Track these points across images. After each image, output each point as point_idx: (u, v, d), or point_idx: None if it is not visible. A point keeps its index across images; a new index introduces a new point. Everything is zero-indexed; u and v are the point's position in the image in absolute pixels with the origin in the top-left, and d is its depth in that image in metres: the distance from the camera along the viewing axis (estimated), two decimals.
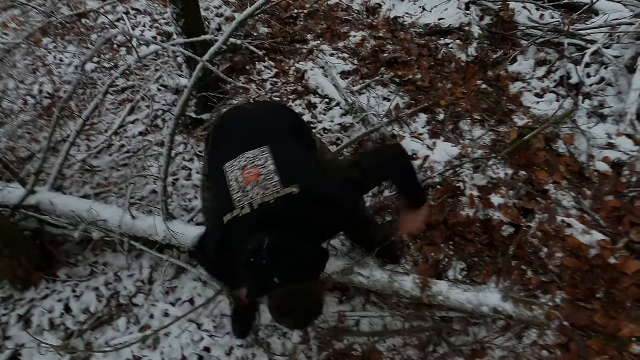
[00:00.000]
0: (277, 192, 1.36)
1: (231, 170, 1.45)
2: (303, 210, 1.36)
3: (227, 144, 1.59)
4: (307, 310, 1.28)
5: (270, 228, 1.31)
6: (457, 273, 2.21)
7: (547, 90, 2.95)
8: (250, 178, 1.40)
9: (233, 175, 1.43)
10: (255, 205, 1.35)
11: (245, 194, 1.38)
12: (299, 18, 3.89)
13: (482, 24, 3.42)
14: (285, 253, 1.26)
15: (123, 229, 2.29)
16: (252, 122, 1.68)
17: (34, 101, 3.62)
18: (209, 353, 2.12)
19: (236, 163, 1.45)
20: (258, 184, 1.38)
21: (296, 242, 1.30)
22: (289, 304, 1.25)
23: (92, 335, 2.27)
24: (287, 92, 3.25)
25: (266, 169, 1.41)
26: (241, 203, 1.37)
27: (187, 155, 2.97)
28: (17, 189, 2.49)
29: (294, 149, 1.57)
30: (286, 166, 1.43)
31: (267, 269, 1.24)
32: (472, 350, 1.99)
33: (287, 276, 1.25)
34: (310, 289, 1.30)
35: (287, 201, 1.35)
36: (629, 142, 2.50)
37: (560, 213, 2.31)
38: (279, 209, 1.35)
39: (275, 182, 1.38)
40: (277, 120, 1.68)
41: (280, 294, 1.26)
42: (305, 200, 1.37)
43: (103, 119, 3.35)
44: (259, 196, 1.36)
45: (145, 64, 3.68)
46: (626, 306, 2.01)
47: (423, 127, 2.88)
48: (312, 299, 1.29)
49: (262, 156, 1.45)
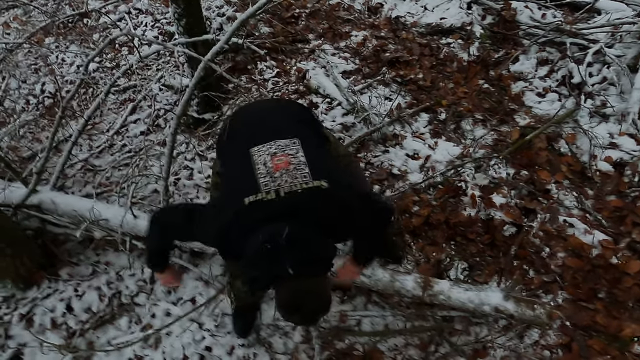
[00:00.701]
0: (305, 183, 1.34)
1: (259, 154, 1.42)
2: (328, 205, 1.35)
3: (252, 131, 1.55)
4: (315, 306, 1.26)
5: (290, 218, 1.28)
6: (458, 272, 2.21)
7: (549, 89, 2.95)
8: (279, 165, 1.37)
9: (261, 159, 1.40)
10: (282, 193, 1.32)
11: (273, 179, 1.35)
12: (300, 17, 3.89)
13: (484, 23, 3.41)
14: (303, 245, 1.23)
15: (125, 228, 2.30)
16: (277, 114, 1.67)
17: (35, 100, 3.63)
18: (210, 352, 2.12)
19: (265, 148, 1.42)
20: (287, 172, 1.36)
21: (315, 236, 1.28)
22: (297, 299, 1.23)
23: (94, 334, 2.27)
24: (289, 92, 3.25)
25: (297, 159, 1.39)
26: (267, 187, 1.33)
27: (189, 154, 2.97)
28: (19, 188, 2.50)
29: (318, 144, 1.58)
30: (315, 161, 1.42)
31: (282, 257, 1.21)
32: (473, 349, 1.99)
33: (301, 268, 1.22)
34: (320, 285, 1.28)
35: (314, 194, 1.33)
36: (631, 141, 2.50)
37: (562, 213, 2.31)
38: (305, 200, 1.33)
39: (305, 173, 1.36)
40: (298, 115, 1.68)
41: (289, 288, 1.23)
42: (332, 196, 1.36)
43: (105, 118, 3.35)
44: (287, 184, 1.33)
45: (146, 63, 3.68)
46: (628, 306, 2.01)
47: (424, 126, 2.87)
48: (321, 294, 1.27)
49: (293, 147, 1.43)
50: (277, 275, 1.22)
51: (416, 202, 2.43)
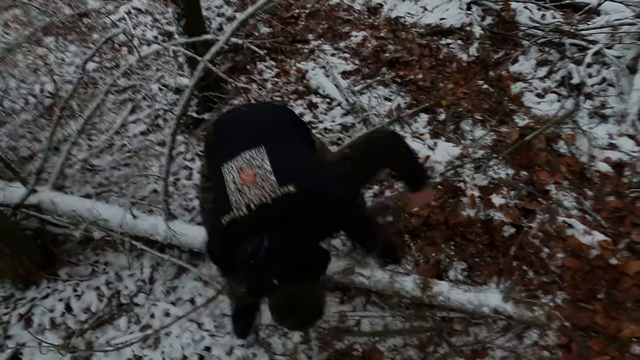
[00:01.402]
0: (273, 192, 1.35)
1: (228, 171, 1.44)
2: (301, 208, 1.36)
3: (225, 144, 1.58)
4: (307, 311, 1.27)
5: (269, 228, 1.31)
6: (457, 273, 2.21)
7: (549, 90, 2.95)
8: (247, 179, 1.39)
9: (230, 177, 1.43)
10: (253, 207, 1.35)
11: (242, 195, 1.37)
12: (300, 18, 3.89)
13: (484, 23, 3.41)
14: (284, 253, 1.26)
15: (124, 229, 2.29)
16: (249, 122, 1.67)
17: (35, 100, 3.62)
18: (210, 352, 2.12)
19: (233, 164, 1.45)
20: (255, 184, 1.38)
21: (295, 242, 1.30)
22: (288, 305, 1.25)
23: (93, 335, 2.27)
24: (288, 92, 3.25)
25: (262, 169, 1.40)
26: (238, 204, 1.36)
27: (188, 154, 2.97)
28: (18, 188, 2.50)
29: (291, 147, 1.56)
30: (283, 165, 1.42)
31: (266, 270, 1.24)
32: (472, 350, 1.99)
33: (286, 277, 1.24)
34: (311, 290, 1.29)
35: (284, 201, 1.34)
36: (630, 142, 2.50)
37: (561, 213, 2.31)
38: (276, 209, 1.34)
39: (272, 182, 1.37)
40: (275, 120, 1.67)
41: (279, 295, 1.25)
42: (303, 198, 1.36)
43: (104, 118, 3.35)
44: (257, 197, 1.36)
45: (146, 63, 3.68)
46: (627, 307, 2.01)
47: (424, 127, 2.87)
48: (312, 300, 1.28)
49: (258, 156, 1.44)
50: (266, 287, 1.25)
51: None
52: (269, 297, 1.28)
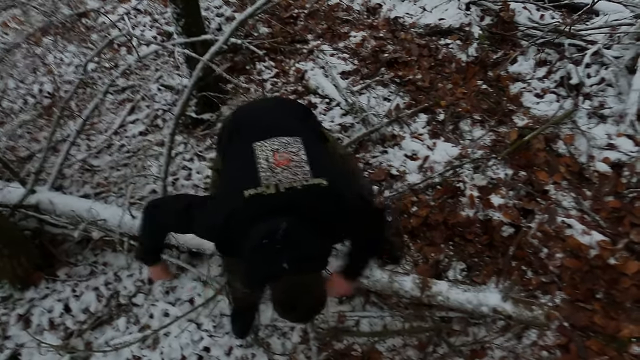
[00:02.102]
0: (306, 180, 1.35)
1: (262, 149, 1.42)
2: (327, 203, 1.36)
3: (255, 127, 1.56)
4: (311, 302, 1.26)
5: (290, 214, 1.29)
6: (456, 273, 2.21)
7: (547, 90, 2.95)
8: (281, 162, 1.38)
9: (263, 154, 1.40)
10: (282, 188, 1.33)
11: (274, 174, 1.36)
12: (299, 18, 3.89)
13: (482, 24, 3.41)
14: (300, 241, 1.24)
15: (123, 229, 2.29)
16: (280, 111, 1.68)
17: (34, 100, 3.62)
18: (209, 353, 2.12)
19: (268, 143, 1.43)
20: (288, 168, 1.37)
21: (312, 233, 1.28)
22: (293, 296, 1.23)
23: (92, 335, 2.27)
24: (287, 92, 3.25)
25: (298, 156, 1.40)
26: (267, 181, 1.34)
27: (187, 154, 2.97)
28: (17, 189, 2.49)
29: (319, 146, 1.59)
30: (317, 160, 1.43)
31: (279, 253, 1.21)
32: (471, 350, 1.99)
33: (297, 264, 1.22)
34: (316, 281, 1.28)
35: (314, 191, 1.34)
36: (629, 142, 2.50)
37: (560, 213, 2.31)
38: (304, 196, 1.33)
39: (306, 170, 1.37)
40: (300, 117, 1.69)
41: (284, 285, 1.23)
42: (332, 194, 1.36)
43: (103, 118, 3.35)
44: (287, 180, 1.34)
45: (145, 63, 3.68)
46: (626, 307, 2.01)
47: (423, 127, 2.88)
48: (316, 291, 1.27)
49: (295, 145, 1.44)
50: (273, 271, 1.22)
51: (414, 203, 2.43)
52: (272, 287, 1.26)
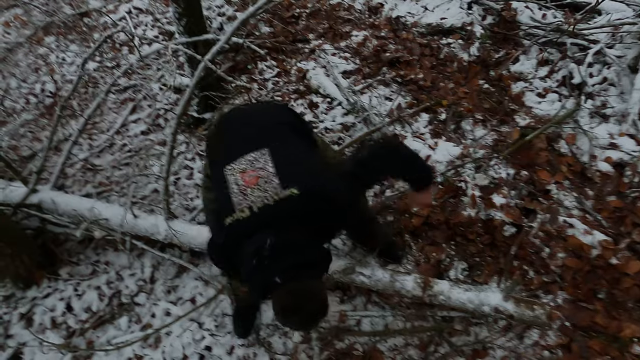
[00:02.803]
0: (276, 194, 1.37)
1: (231, 173, 1.45)
2: (304, 210, 1.37)
3: (227, 146, 1.59)
4: (310, 310, 1.27)
5: (272, 229, 1.32)
6: (458, 273, 2.21)
7: (549, 89, 2.95)
8: (250, 181, 1.40)
9: (233, 179, 1.44)
10: (255, 208, 1.36)
11: (245, 197, 1.39)
12: (300, 17, 3.89)
13: (484, 23, 3.41)
14: (287, 252, 1.27)
15: (125, 228, 2.30)
16: (252, 123, 1.67)
17: (35, 100, 3.63)
18: (210, 352, 2.12)
19: (236, 166, 1.46)
20: (258, 186, 1.39)
21: (298, 241, 1.31)
22: (291, 304, 1.25)
23: (94, 334, 2.28)
24: (289, 92, 3.25)
25: (265, 171, 1.42)
26: (241, 206, 1.38)
27: (189, 154, 2.98)
28: (19, 188, 2.50)
29: (294, 148, 1.57)
30: (286, 167, 1.43)
31: (269, 268, 1.25)
32: (473, 350, 1.99)
33: (289, 275, 1.25)
34: (314, 289, 1.29)
35: (287, 202, 1.36)
36: (631, 142, 2.49)
37: (562, 213, 2.31)
38: (279, 210, 1.35)
39: (275, 184, 1.39)
40: (277, 121, 1.67)
41: (282, 294, 1.25)
42: (306, 199, 1.37)
43: (105, 117, 3.35)
44: (259, 199, 1.37)
45: (147, 63, 3.68)
46: (628, 306, 2.01)
47: (425, 126, 2.87)
48: (315, 298, 1.28)
49: (261, 159, 1.45)
50: (269, 286, 1.26)
51: None
52: (272, 297, 1.28)
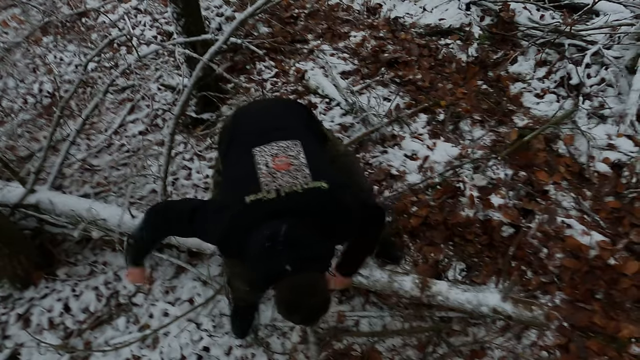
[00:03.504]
0: (306, 184, 1.36)
1: (261, 154, 1.43)
2: (327, 205, 1.37)
3: (255, 131, 1.57)
4: (315, 303, 1.26)
5: (291, 217, 1.30)
6: (456, 273, 2.21)
7: (547, 90, 2.96)
8: (281, 166, 1.39)
9: (263, 160, 1.42)
10: (282, 193, 1.34)
11: (274, 179, 1.37)
12: (299, 18, 3.89)
13: (483, 24, 3.42)
14: (301, 242, 1.25)
15: (122, 228, 2.29)
16: (278, 114, 1.68)
17: (33, 100, 3.62)
18: (208, 352, 2.12)
19: (267, 149, 1.44)
20: (288, 172, 1.38)
21: (313, 234, 1.29)
22: (297, 297, 1.23)
23: (92, 335, 2.27)
24: (287, 92, 3.25)
25: (298, 160, 1.41)
26: (268, 187, 1.35)
27: (187, 154, 2.97)
28: (17, 188, 2.49)
29: (319, 147, 1.59)
30: (316, 163, 1.44)
31: (281, 255, 1.22)
32: (471, 350, 1.99)
33: (299, 265, 1.23)
34: (318, 283, 1.28)
35: (314, 193, 1.35)
36: (628, 142, 2.50)
37: (560, 214, 2.31)
38: (305, 199, 1.34)
39: (306, 173, 1.38)
40: (300, 118, 1.69)
41: (287, 286, 1.24)
42: (333, 196, 1.37)
43: (103, 118, 3.35)
44: (288, 184, 1.35)
45: (145, 63, 3.68)
46: (626, 307, 2.01)
47: (423, 127, 2.88)
48: (320, 292, 1.27)
49: (294, 148, 1.45)
50: (276, 273, 1.23)
51: (414, 203, 2.43)
52: (277, 286, 1.26)
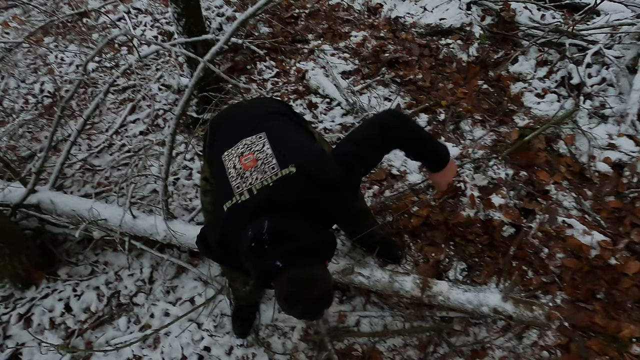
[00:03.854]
0: (275, 174, 1.34)
1: (229, 158, 1.44)
2: (301, 189, 1.33)
3: (224, 136, 1.58)
4: (315, 296, 1.22)
5: (271, 212, 1.28)
6: (457, 273, 2.21)
7: (548, 90, 2.95)
8: (248, 164, 1.39)
9: (231, 163, 1.43)
10: (255, 190, 1.34)
11: (244, 179, 1.37)
12: (300, 18, 3.89)
13: (483, 24, 3.41)
14: (286, 235, 1.22)
15: (123, 228, 2.29)
16: (245, 112, 1.70)
17: (34, 100, 3.62)
18: (209, 352, 2.12)
19: (233, 151, 1.45)
20: (256, 168, 1.37)
21: (298, 225, 1.26)
22: (295, 290, 1.20)
23: (93, 334, 2.27)
24: (288, 92, 3.25)
25: (263, 153, 1.40)
26: (240, 189, 1.35)
27: (188, 154, 2.97)
28: (18, 188, 2.49)
29: (288, 132, 1.56)
30: (283, 148, 1.41)
31: (269, 252, 1.20)
32: (472, 350, 1.99)
33: (290, 259, 1.20)
34: (317, 274, 1.24)
35: (285, 181, 1.33)
36: (629, 142, 2.50)
37: (560, 213, 2.31)
38: (278, 190, 1.32)
39: (273, 164, 1.37)
40: (270, 108, 1.69)
41: (285, 280, 1.21)
42: (303, 178, 1.34)
43: (104, 118, 3.35)
44: (258, 180, 1.35)
45: (146, 63, 3.68)
46: (627, 307, 2.01)
47: (424, 127, 2.88)
48: (317, 285, 1.23)
49: (259, 142, 1.44)
50: (270, 270, 1.21)
51: (415, 203, 2.43)
52: (275, 284, 1.24)
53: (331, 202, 1.37)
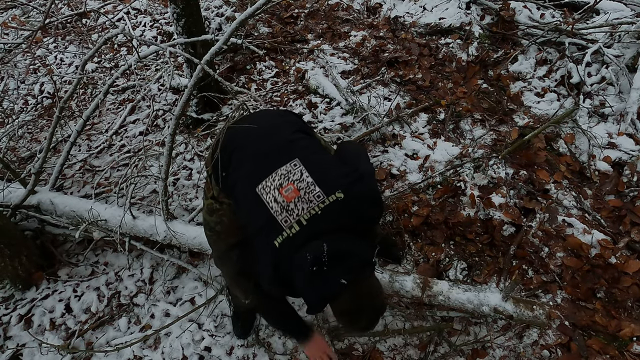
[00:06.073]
0: (322, 202, 1.34)
1: (266, 191, 1.40)
2: (353, 209, 1.36)
3: (250, 164, 1.51)
4: (377, 305, 1.29)
5: (322, 237, 1.30)
6: (457, 273, 2.21)
7: (548, 89, 2.95)
8: (290, 195, 1.36)
9: (270, 197, 1.38)
10: (304, 221, 1.33)
11: (289, 212, 1.35)
12: (299, 18, 3.89)
13: (483, 23, 3.41)
14: (344, 254, 1.26)
15: (124, 229, 2.29)
16: (267, 135, 1.58)
17: (34, 101, 3.62)
18: (210, 352, 2.12)
19: (269, 183, 1.40)
20: (300, 198, 1.35)
21: (352, 243, 1.31)
22: (361, 303, 1.25)
23: (93, 335, 2.27)
24: (288, 92, 3.25)
25: (304, 182, 1.38)
26: (288, 223, 1.34)
27: (188, 154, 2.97)
28: (18, 189, 2.50)
29: (318, 154, 1.54)
30: (321, 174, 1.41)
31: (331, 272, 1.24)
32: (472, 349, 1.99)
33: (352, 275, 1.25)
34: (376, 284, 1.31)
35: (334, 208, 1.34)
36: (629, 141, 2.50)
37: (560, 212, 2.31)
38: (328, 217, 1.33)
39: (317, 192, 1.36)
40: (290, 129, 1.61)
41: (349, 296, 1.25)
42: (352, 202, 1.36)
43: (103, 118, 3.35)
44: (305, 210, 1.34)
45: (145, 63, 3.68)
46: (627, 305, 2.01)
47: (424, 126, 2.87)
48: (377, 293, 1.30)
49: (295, 170, 1.41)
50: (334, 291, 1.25)
51: (415, 202, 2.43)
52: (336, 304, 1.28)
53: (377, 216, 1.46)
